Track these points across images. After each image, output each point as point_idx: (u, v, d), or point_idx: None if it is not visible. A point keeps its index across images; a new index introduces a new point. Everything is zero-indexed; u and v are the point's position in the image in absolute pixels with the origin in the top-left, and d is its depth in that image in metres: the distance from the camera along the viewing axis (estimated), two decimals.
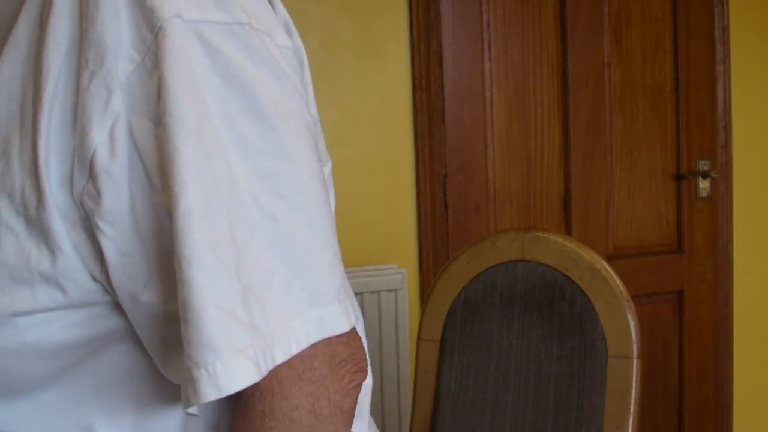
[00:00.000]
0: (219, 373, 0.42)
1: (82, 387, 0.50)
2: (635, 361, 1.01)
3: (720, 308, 2.32)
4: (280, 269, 0.45)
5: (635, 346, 1.01)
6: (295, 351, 0.45)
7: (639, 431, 1.01)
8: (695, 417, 2.31)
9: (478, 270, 1.14)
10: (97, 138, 0.43)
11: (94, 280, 0.46)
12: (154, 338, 0.47)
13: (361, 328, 0.54)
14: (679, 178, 2.25)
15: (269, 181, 0.45)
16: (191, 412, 0.44)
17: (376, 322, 1.86)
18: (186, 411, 0.44)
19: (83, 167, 0.44)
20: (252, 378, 0.43)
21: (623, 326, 1.02)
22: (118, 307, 0.48)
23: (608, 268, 1.05)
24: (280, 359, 0.44)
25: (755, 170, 2.34)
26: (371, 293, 1.86)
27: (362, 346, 0.51)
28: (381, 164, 1.94)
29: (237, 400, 0.47)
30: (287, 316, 0.45)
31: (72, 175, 0.44)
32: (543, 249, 1.09)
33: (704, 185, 2.26)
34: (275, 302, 0.45)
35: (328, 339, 0.47)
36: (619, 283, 1.04)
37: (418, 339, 1.17)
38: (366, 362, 0.51)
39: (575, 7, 2.10)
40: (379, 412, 1.87)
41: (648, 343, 2.22)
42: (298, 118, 0.48)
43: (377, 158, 1.93)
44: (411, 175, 1.97)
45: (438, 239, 1.98)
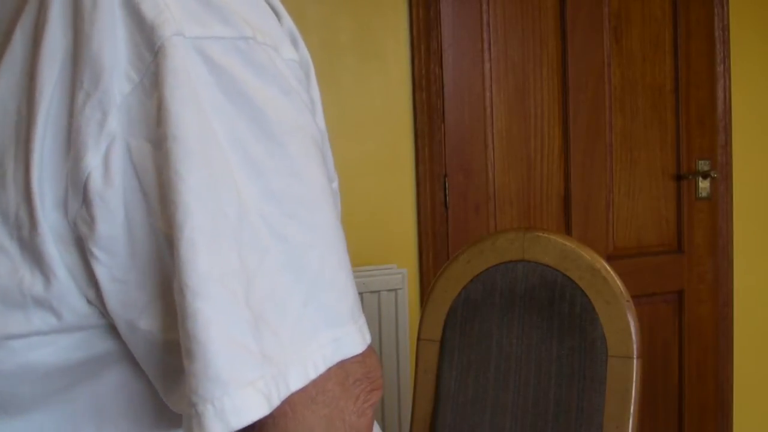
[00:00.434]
0: (226, 408, 0.40)
1: (80, 409, 0.48)
2: (635, 361, 1.01)
3: (720, 308, 2.32)
4: (294, 291, 0.43)
5: (635, 346, 1.01)
6: (313, 376, 0.43)
7: (639, 431, 1.01)
8: (695, 417, 2.31)
9: (478, 270, 1.14)
10: (92, 162, 0.41)
11: (89, 304, 0.44)
12: (154, 366, 0.45)
13: None
14: (679, 178, 2.24)
15: (279, 201, 0.43)
16: None
17: (376, 322, 1.86)
18: None
19: (77, 192, 0.42)
20: (262, 411, 0.41)
21: (623, 326, 1.02)
22: (115, 329, 0.46)
23: (608, 268, 1.05)
24: (295, 386, 0.42)
25: (755, 170, 2.34)
26: (371, 293, 1.86)
27: (377, 364, 0.49)
28: (381, 164, 1.94)
29: (247, 425, 0.46)
30: (303, 340, 0.43)
31: (66, 199, 0.42)
32: (543, 249, 1.09)
33: (704, 185, 2.26)
34: (290, 326, 0.43)
35: (342, 360, 0.45)
36: (619, 283, 1.04)
37: (418, 339, 1.17)
38: (381, 379, 0.49)
39: (575, 7, 2.10)
40: (379, 412, 1.87)
41: (648, 343, 2.22)
42: (306, 135, 0.47)
43: (377, 158, 1.93)
44: (411, 175, 1.97)
45: (438, 239, 1.98)
